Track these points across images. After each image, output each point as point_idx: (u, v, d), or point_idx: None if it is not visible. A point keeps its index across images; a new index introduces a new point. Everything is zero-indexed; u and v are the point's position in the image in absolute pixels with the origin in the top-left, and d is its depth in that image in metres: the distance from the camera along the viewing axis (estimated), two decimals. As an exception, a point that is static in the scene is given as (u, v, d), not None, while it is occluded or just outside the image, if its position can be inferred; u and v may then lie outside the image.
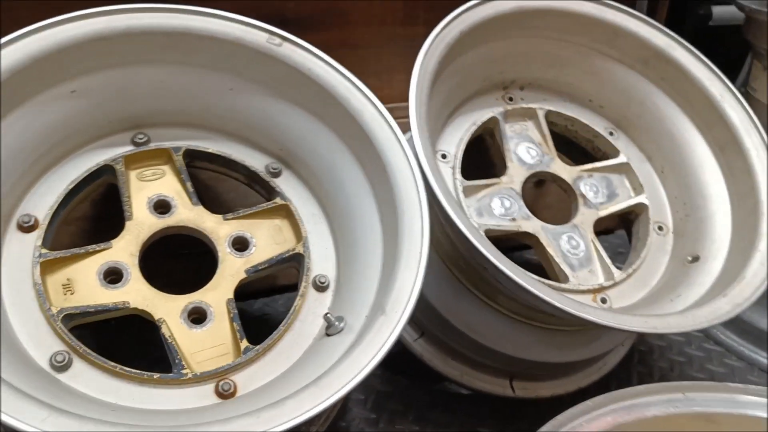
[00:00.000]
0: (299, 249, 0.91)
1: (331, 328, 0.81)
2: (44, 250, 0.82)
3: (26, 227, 0.83)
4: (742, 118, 1.03)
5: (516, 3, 1.01)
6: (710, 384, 0.82)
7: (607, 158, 1.15)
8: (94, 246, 0.85)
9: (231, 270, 0.89)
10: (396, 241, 0.81)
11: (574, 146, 1.18)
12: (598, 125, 1.15)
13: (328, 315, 0.81)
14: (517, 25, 1.04)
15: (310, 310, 0.88)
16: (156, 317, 0.83)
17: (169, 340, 0.81)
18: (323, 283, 0.90)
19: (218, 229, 0.91)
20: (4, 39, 0.77)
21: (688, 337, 1.33)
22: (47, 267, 0.81)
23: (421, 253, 0.79)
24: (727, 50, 1.24)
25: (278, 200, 0.94)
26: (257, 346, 0.83)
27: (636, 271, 1.04)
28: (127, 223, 0.88)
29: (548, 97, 1.15)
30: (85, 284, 0.83)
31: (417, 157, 0.84)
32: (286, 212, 0.95)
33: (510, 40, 1.06)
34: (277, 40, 0.88)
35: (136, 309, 0.83)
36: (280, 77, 0.90)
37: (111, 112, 0.89)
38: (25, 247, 0.82)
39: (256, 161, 0.97)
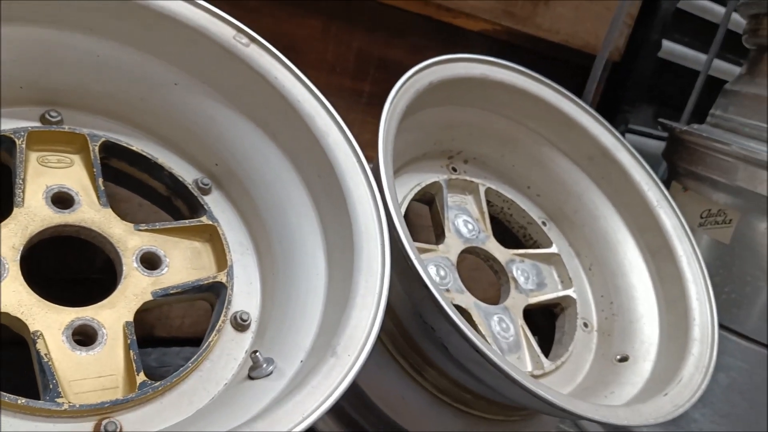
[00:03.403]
0: (221, 278, 0.77)
1: (257, 371, 0.67)
2: None
3: None
4: (675, 225, 1.05)
5: (484, 67, 0.99)
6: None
7: (538, 247, 1.12)
8: (-33, 226, 0.66)
9: (135, 288, 0.73)
10: (350, 280, 0.70)
11: (507, 231, 1.15)
12: (534, 213, 1.13)
13: (257, 354, 0.67)
14: (481, 95, 1.01)
15: (225, 351, 0.74)
16: (31, 329, 0.64)
17: (45, 359, 0.63)
18: (245, 321, 0.76)
19: (127, 239, 0.75)
20: None
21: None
22: None
23: (381, 292, 0.69)
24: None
25: (204, 219, 0.81)
26: (157, 383, 0.67)
27: (564, 364, 0.99)
28: (16, 210, 0.71)
29: (489, 176, 1.13)
30: (-56, 271, 0.64)
31: (383, 193, 0.76)
32: (211, 234, 0.81)
33: (469, 109, 1.03)
34: (245, 40, 0.79)
35: (7, 315, 0.64)
36: (238, 81, 0.79)
37: (27, 75, 0.74)
38: None
39: (185, 173, 0.84)
